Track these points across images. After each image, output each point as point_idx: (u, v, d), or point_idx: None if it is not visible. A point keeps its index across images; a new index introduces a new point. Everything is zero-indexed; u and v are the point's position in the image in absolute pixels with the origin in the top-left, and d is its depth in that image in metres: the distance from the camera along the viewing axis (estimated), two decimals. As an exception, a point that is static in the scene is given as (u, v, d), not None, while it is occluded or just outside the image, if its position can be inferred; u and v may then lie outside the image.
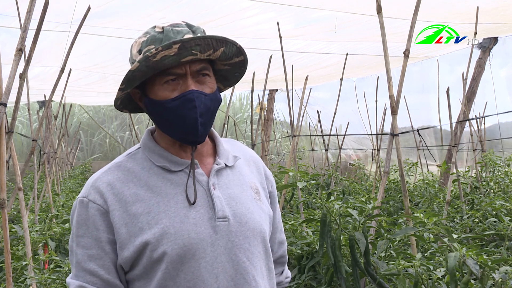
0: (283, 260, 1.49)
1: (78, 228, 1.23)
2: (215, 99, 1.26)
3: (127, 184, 1.23)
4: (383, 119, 7.51)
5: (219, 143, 1.35)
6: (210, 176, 1.27)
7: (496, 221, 3.25)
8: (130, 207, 1.20)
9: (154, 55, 1.15)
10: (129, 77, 1.19)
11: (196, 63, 1.22)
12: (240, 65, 1.31)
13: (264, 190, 1.39)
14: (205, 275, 1.19)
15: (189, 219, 1.20)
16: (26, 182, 7.64)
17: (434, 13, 4.72)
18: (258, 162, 1.43)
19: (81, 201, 1.23)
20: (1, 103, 2.05)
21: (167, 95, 1.21)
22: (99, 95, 9.90)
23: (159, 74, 1.21)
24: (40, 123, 3.78)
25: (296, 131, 4.45)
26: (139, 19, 5.17)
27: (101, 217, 1.21)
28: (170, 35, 1.21)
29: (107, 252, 1.20)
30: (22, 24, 2.21)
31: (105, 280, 1.20)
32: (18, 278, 2.78)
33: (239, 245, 1.23)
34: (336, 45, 6.25)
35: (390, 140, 2.61)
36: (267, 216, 1.33)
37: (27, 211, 3.34)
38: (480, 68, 6.25)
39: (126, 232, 1.19)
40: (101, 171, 1.28)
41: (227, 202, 1.25)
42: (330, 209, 2.27)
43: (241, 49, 1.26)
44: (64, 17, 4.55)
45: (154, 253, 1.17)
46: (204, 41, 1.18)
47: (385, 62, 2.56)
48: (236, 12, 4.97)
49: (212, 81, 1.26)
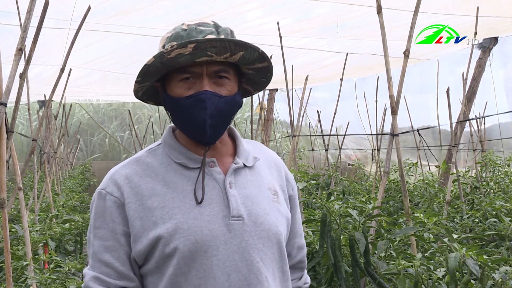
0: (302, 266, 1.47)
1: (95, 219, 1.25)
2: (232, 102, 1.25)
3: (144, 178, 1.25)
4: (383, 119, 7.51)
5: (240, 144, 1.35)
6: (227, 175, 1.27)
7: (496, 221, 3.25)
8: (146, 201, 1.22)
9: (169, 52, 1.16)
10: (144, 71, 1.21)
11: (213, 65, 1.22)
12: (265, 71, 1.30)
13: (283, 192, 1.38)
14: (217, 273, 1.19)
15: (203, 216, 1.21)
16: (26, 182, 7.64)
17: (434, 8, 4.70)
18: (279, 165, 1.42)
19: (99, 193, 1.26)
20: (1, 103, 2.05)
21: (182, 93, 1.22)
22: (100, 87, 9.89)
23: (177, 71, 1.22)
24: (40, 123, 3.78)
25: (296, 131, 4.45)
26: (138, 17, 5.17)
27: (117, 209, 1.23)
28: (192, 34, 1.21)
29: (122, 244, 1.22)
30: (22, 23, 2.21)
31: (119, 272, 1.21)
32: (18, 278, 2.78)
33: (253, 245, 1.23)
34: (337, 42, 6.24)
35: (390, 140, 2.61)
36: (284, 218, 1.32)
37: (27, 211, 3.34)
38: (480, 68, 6.25)
39: (140, 225, 1.21)
40: (120, 164, 1.30)
41: (242, 202, 1.25)
42: (330, 209, 2.27)
43: (264, 55, 1.24)
44: (64, 15, 4.54)
45: (166, 247, 1.18)
46: (221, 44, 1.17)
47: (385, 62, 2.56)
48: (236, 7, 4.95)
49: (232, 84, 1.26)
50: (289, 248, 1.41)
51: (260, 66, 1.27)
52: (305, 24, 5.70)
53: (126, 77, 7.54)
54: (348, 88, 8.91)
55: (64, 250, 3.63)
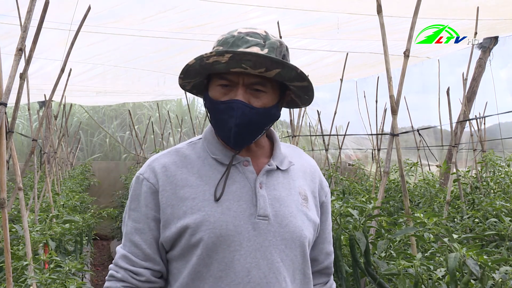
0: (328, 272, 1.50)
1: (131, 201, 1.34)
2: (265, 114, 1.28)
3: (181, 168, 1.31)
4: (383, 119, 7.50)
5: (277, 147, 1.39)
6: (259, 175, 1.31)
7: (496, 221, 3.24)
8: (179, 190, 1.28)
9: (208, 57, 1.21)
10: (185, 70, 1.28)
11: (249, 77, 1.25)
12: (305, 90, 1.32)
13: (315, 198, 1.40)
14: (238, 267, 1.23)
15: (230, 211, 1.25)
16: (26, 182, 7.64)
17: (434, 10, 4.71)
18: (315, 172, 1.45)
19: (137, 177, 1.34)
20: (1, 103, 2.05)
21: (219, 97, 1.28)
22: (98, 95, 9.89)
23: (217, 75, 1.28)
24: (40, 123, 3.78)
25: (296, 131, 4.45)
26: (140, 22, 5.18)
27: (151, 195, 1.29)
28: (237, 43, 1.25)
29: (151, 228, 1.29)
30: (22, 24, 2.21)
31: (146, 254, 1.29)
32: (18, 278, 2.77)
33: (275, 245, 1.26)
34: (337, 43, 6.25)
35: (390, 140, 2.61)
36: (311, 223, 1.34)
37: (27, 211, 3.33)
38: (480, 68, 6.24)
39: (171, 213, 1.27)
40: (160, 153, 1.38)
41: (270, 202, 1.28)
42: (330, 209, 2.27)
43: (303, 75, 1.24)
44: (65, 18, 4.55)
45: (192, 237, 1.24)
46: (257, 58, 1.19)
47: (385, 62, 2.55)
48: (239, 16, 4.97)
49: (268, 97, 1.28)
50: (316, 253, 1.44)
51: (298, 85, 1.29)
52: (305, 30, 5.73)
53: (125, 70, 7.54)
54: (348, 88, 8.91)
55: (64, 250, 3.64)
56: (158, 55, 6.70)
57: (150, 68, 7.51)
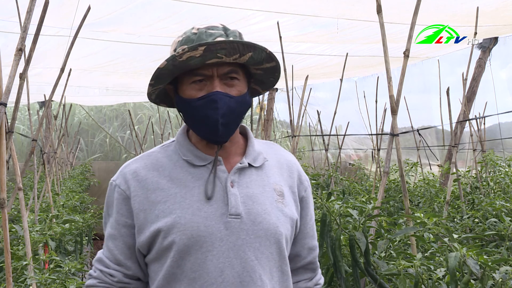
0: (313, 267, 1.48)
1: (107, 208, 1.36)
2: (242, 102, 1.30)
3: (151, 172, 1.31)
4: (383, 119, 7.50)
5: (250, 144, 1.38)
6: (230, 174, 1.30)
7: (496, 221, 3.24)
8: (151, 194, 1.28)
9: (180, 55, 1.21)
10: (157, 74, 1.26)
11: (223, 66, 1.26)
12: (273, 71, 1.34)
13: (293, 194, 1.39)
14: (211, 268, 1.23)
15: (201, 212, 1.25)
16: (26, 182, 7.64)
17: (433, 16, 4.72)
18: (292, 167, 1.43)
19: (111, 184, 1.35)
20: (1, 103, 2.05)
21: (194, 94, 1.27)
22: (101, 93, 9.89)
23: (188, 73, 1.27)
24: (40, 123, 3.78)
25: (296, 131, 4.45)
26: (140, 28, 5.18)
27: (123, 201, 1.30)
28: (202, 37, 1.26)
29: (122, 235, 1.31)
30: (22, 24, 2.21)
31: (117, 259, 1.31)
32: (18, 278, 2.78)
33: (249, 243, 1.25)
34: (337, 46, 6.25)
35: (390, 140, 2.61)
36: (287, 219, 1.33)
37: (27, 211, 3.33)
38: (480, 68, 6.24)
39: (144, 218, 1.27)
40: (133, 159, 1.39)
41: (243, 201, 1.27)
42: (330, 209, 2.27)
43: (272, 55, 1.28)
44: (65, 23, 4.55)
45: (164, 240, 1.24)
46: (230, 45, 1.21)
47: (385, 62, 2.55)
48: (239, 20, 4.97)
49: (241, 85, 1.30)
50: (299, 249, 1.42)
51: (268, 66, 1.32)
52: (306, 35, 5.75)
53: (125, 71, 7.56)
54: (348, 88, 8.91)
55: (64, 250, 3.63)
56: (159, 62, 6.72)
57: (150, 69, 7.53)
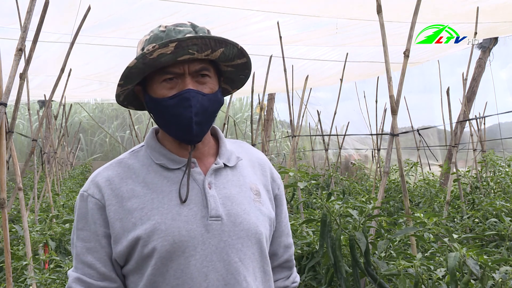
0: (289, 265, 1.46)
1: (78, 221, 1.26)
2: (215, 100, 1.26)
3: (125, 180, 1.25)
4: (383, 119, 7.51)
5: (222, 144, 1.35)
6: (206, 175, 1.27)
7: (496, 221, 3.24)
8: (126, 202, 1.23)
9: (150, 52, 1.16)
10: (127, 74, 1.21)
11: (195, 63, 1.22)
12: (243, 67, 1.31)
13: (268, 192, 1.37)
14: (194, 273, 1.19)
15: (181, 217, 1.21)
16: (26, 182, 7.64)
17: (434, 14, 4.72)
18: (264, 165, 1.41)
19: (82, 195, 1.27)
20: (1, 103, 2.05)
21: (165, 93, 1.22)
22: (102, 87, 9.89)
23: (158, 72, 1.22)
24: (40, 123, 3.78)
25: (296, 131, 4.45)
26: (140, 29, 5.18)
27: (98, 211, 1.24)
28: (171, 34, 1.22)
29: (103, 246, 1.23)
30: (22, 24, 2.21)
31: (101, 273, 1.23)
32: (18, 278, 2.78)
33: (231, 245, 1.23)
34: (337, 50, 6.26)
35: (390, 140, 2.61)
36: (266, 218, 1.31)
37: (27, 211, 3.34)
38: (480, 68, 6.25)
39: (120, 227, 1.21)
40: (103, 166, 1.31)
41: (222, 202, 1.25)
42: (330, 209, 2.27)
43: (243, 50, 1.25)
44: (66, 28, 4.55)
45: (145, 248, 1.19)
46: (202, 41, 1.18)
47: (385, 62, 2.55)
48: (239, 20, 4.96)
49: (213, 82, 1.26)
50: (275, 247, 1.40)
51: (239, 62, 1.28)
52: (306, 35, 5.75)
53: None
54: (348, 88, 8.92)
55: (64, 250, 3.63)
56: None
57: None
